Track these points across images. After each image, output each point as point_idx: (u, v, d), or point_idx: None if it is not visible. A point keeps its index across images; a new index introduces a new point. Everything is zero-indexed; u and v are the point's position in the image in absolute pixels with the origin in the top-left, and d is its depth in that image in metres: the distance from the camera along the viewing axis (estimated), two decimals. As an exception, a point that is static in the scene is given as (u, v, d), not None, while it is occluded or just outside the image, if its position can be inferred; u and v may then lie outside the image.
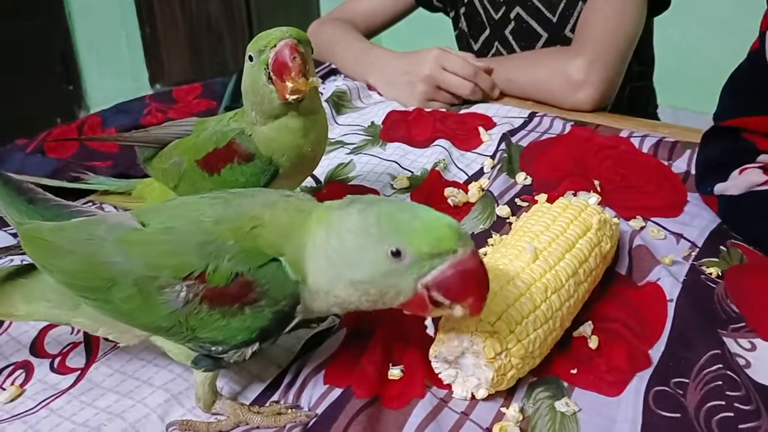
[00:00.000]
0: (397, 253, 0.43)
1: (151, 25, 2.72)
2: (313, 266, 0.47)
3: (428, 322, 0.49)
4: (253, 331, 0.48)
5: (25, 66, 2.53)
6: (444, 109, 1.09)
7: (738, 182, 0.73)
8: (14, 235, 0.77)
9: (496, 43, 1.27)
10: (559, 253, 0.59)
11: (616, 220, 0.67)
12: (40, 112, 0.93)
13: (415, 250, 0.43)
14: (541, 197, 0.74)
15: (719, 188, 0.75)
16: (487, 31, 1.27)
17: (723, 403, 0.52)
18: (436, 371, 0.54)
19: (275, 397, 0.54)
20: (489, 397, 0.53)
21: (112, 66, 2.78)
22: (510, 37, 1.24)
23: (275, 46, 0.61)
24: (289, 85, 0.61)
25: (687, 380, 0.54)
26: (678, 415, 0.51)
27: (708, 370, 0.55)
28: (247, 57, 0.64)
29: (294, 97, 0.62)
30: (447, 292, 0.45)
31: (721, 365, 0.55)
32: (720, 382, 0.53)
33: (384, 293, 0.45)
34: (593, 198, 0.68)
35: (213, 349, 0.48)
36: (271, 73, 0.62)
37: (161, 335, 0.50)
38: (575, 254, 0.59)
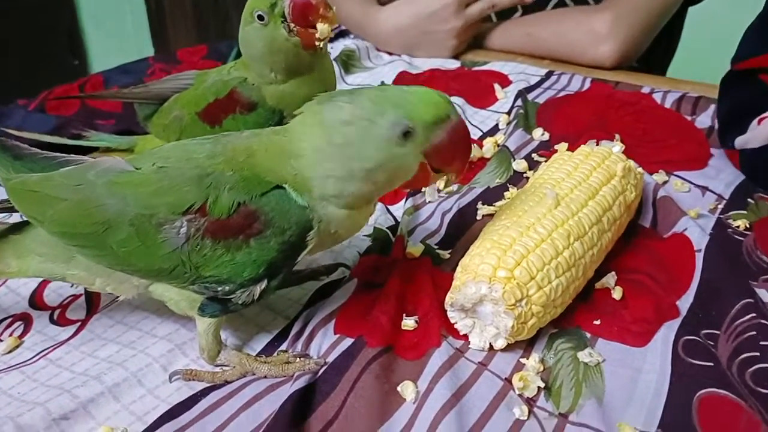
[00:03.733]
0: (407, 133, 0.44)
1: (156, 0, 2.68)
2: (319, 171, 0.45)
3: (439, 184, 0.50)
4: (260, 265, 0.45)
5: (31, 40, 2.50)
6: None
7: (757, 134, 0.70)
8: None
9: None
10: (582, 200, 0.56)
11: (640, 170, 0.64)
12: (46, 87, 0.91)
13: (420, 122, 0.44)
14: (562, 146, 0.71)
15: (739, 142, 0.72)
16: None
17: (757, 354, 0.49)
18: (452, 321, 0.51)
19: (283, 347, 0.52)
20: (508, 348, 0.50)
21: (117, 41, 2.75)
22: None
23: None
24: (320, 26, 0.58)
25: (718, 332, 0.51)
26: (710, 363, 0.48)
27: (740, 320, 0.52)
28: (254, 17, 0.59)
29: (324, 39, 0.59)
30: (440, 158, 0.46)
31: (754, 314, 0.52)
32: (754, 332, 0.51)
33: (394, 175, 0.46)
34: (617, 146, 0.65)
35: (219, 289, 0.46)
36: (292, 23, 0.58)
37: (163, 279, 0.47)
38: (599, 201, 0.56)
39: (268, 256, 0.45)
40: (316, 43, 0.59)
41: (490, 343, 0.50)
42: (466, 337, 0.51)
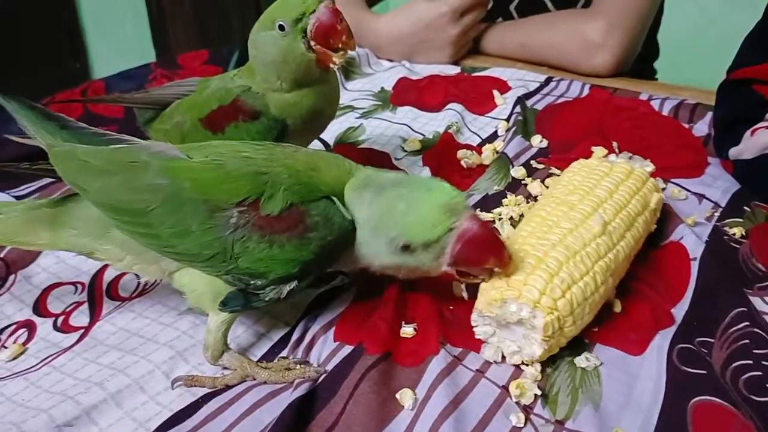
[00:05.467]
0: (406, 247, 0.47)
1: (157, 1, 2.69)
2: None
3: (462, 287, 0.53)
4: (296, 265, 0.47)
5: (32, 43, 2.51)
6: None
7: (750, 145, 0.70)
8: (17, 198, 0.75)
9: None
10: (622, 230, 0.55)
11: (662, 196, 0.64)
12: (48, 90, 0.92)
13: (417, 241, 0.46)
14: (599, 151, 0.73)
15: (733, 152, 0.72)
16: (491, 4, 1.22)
17: (750, 362, 0.50)
18: (473, 324, 0.51)
19: (283, 354, 0.52)
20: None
21: (119, 43, 2.76)
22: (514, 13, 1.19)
23: (314, 11, 0.59)
24: (339, 50, 0.60)
25: (712, 339, 0.52)
26: (704, 371, 0.48)
27: (734, 328, 0.52)
28: (275, 26, 0.60)
29: (341, 61, 0.61)
30: (467, 263, 0.48)
31: (747, 323, 0.52)
32: (747, 341, 0.51)
33: (415, 271, 0.49)
34: (649, 166, 0.64)
35: (252, 282, 0.48)
36: (312, 41, 0.59)
37: (197, 264, 0.48)
38: (633, 234, 0.56)
39: (305, 257, 0.47)
40: (331, 65, 0.61)
41: (502, 354, 0.50)
42: (464, 344, 0.52)
